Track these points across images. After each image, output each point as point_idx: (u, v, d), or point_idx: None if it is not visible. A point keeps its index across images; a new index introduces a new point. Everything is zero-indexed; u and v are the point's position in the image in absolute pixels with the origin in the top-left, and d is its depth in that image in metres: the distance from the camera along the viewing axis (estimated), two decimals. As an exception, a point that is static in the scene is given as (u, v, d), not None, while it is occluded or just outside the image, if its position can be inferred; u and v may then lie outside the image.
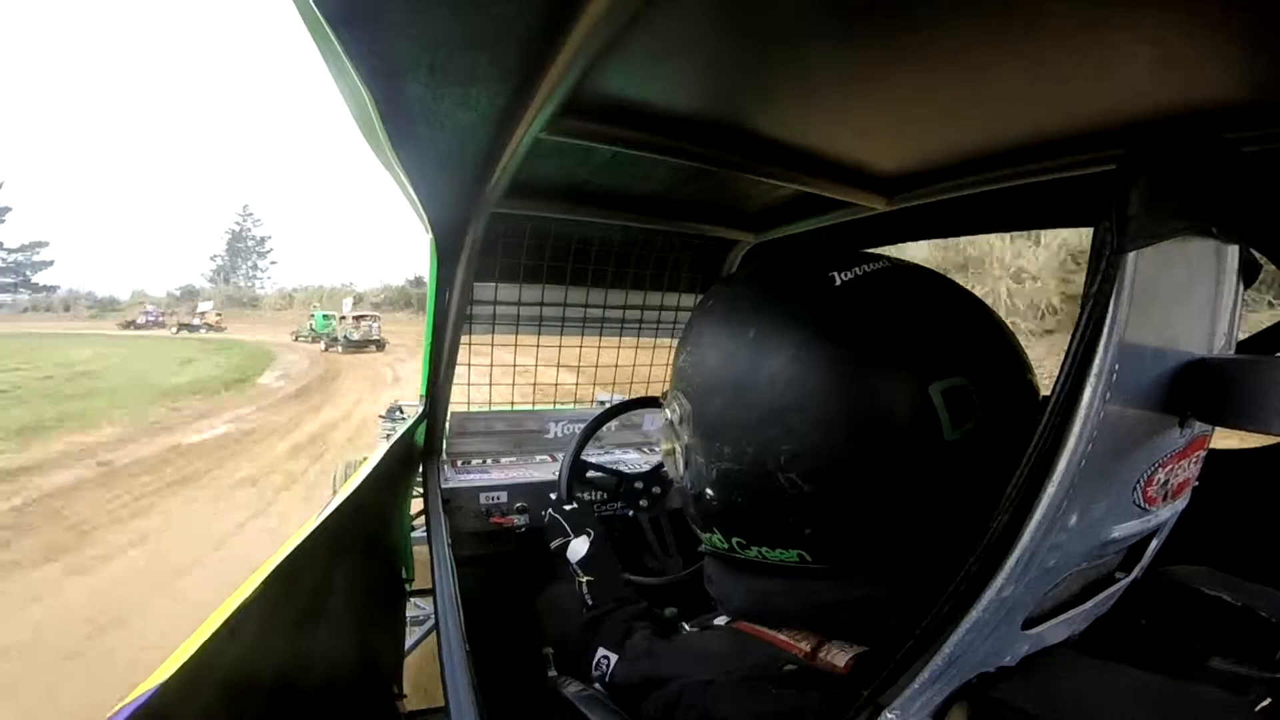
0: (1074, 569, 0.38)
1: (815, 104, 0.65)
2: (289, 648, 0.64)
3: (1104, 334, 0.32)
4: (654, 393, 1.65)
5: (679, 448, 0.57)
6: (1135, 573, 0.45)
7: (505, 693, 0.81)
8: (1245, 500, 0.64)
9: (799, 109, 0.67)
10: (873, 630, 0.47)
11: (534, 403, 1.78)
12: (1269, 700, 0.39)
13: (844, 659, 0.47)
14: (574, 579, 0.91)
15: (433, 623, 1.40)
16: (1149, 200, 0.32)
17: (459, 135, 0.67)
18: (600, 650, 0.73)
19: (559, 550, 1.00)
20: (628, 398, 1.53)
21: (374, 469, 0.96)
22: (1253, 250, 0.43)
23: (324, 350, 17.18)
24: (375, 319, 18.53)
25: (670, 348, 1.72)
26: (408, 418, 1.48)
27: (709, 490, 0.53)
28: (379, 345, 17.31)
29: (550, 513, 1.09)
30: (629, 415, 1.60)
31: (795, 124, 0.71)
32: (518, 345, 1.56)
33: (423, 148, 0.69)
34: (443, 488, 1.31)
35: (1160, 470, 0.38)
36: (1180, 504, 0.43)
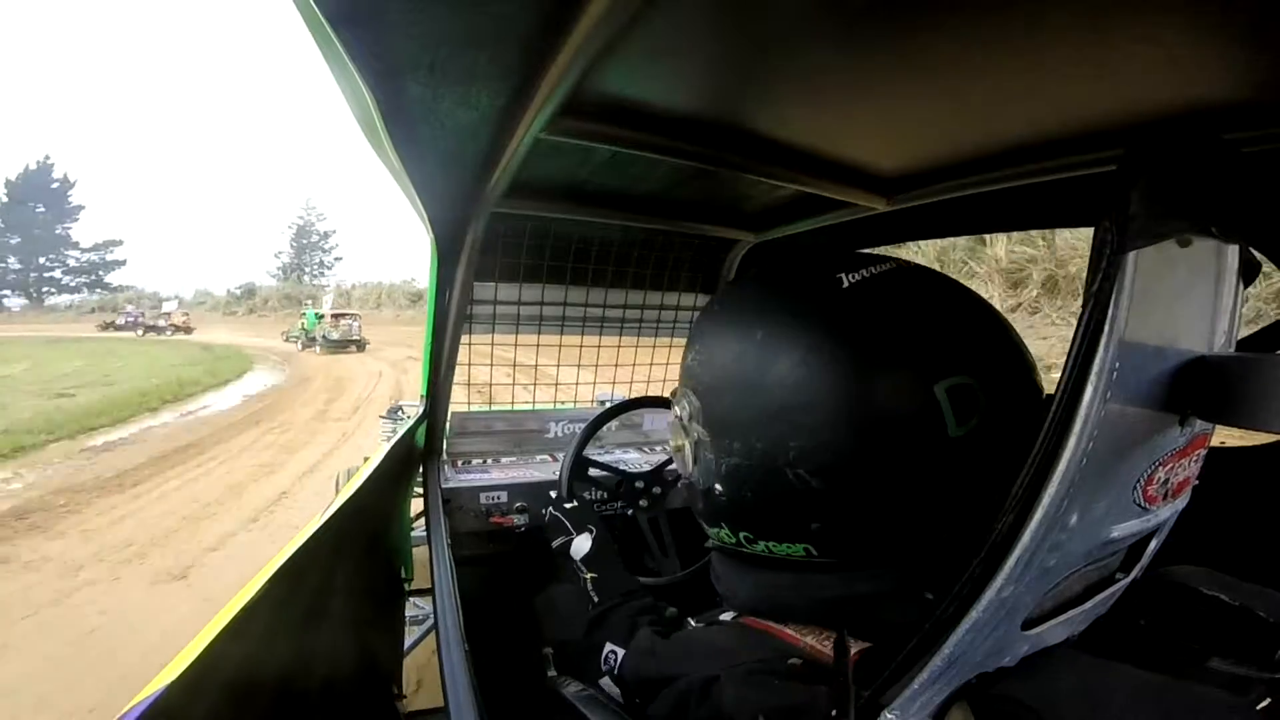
0: (1074, 569, 0.38)
1: (815, 104, 0.65)
2: (291, 648, 0.64)
3: (1104, 333, 0.32)
4: (654, 392, 1.65)
5: (688, 444, 0.58)
6: (1135, 573, 0.45)
7: (505, 693, 0.81)
8: (1245, 500, 0.64)
9: (799, 109, 0.67)
10: (877, 624, 0.48)
11: (534, 402, 1.78)
12: (1268, 700, 0.39)
13: (850, 654, 0.47)
14: (577, 577, 0.91)
15: (432, 622, 1.40)
16: (1149, 200, 0.32)
17: (459, 135, 0.67)
18: (608, 645, 0.73)
19: (562, 548, 1.00)
20: (628, 397, 1.53)
21: (374, 469, 0.96)
22: (1253, 250, 0.43)
23: (300, 350, 16.61)
24: (355, 318, 17.88)
25: (670, 347, 1.73)
26: (409, 418, 1.48)
27: (718, 485, 0.54)
28: (359, 345, 16.68)
29: (551, 511, 1.08)
30: (629, 415, 1.60)
31: (795, 124, 0.71)
32: (518, 345, 1.56)
33: (423, 147, 0.69)
34: (443, 487, 1.31)
35: (1160, 469, 0.38)
36: (1180, 503, 0.43)
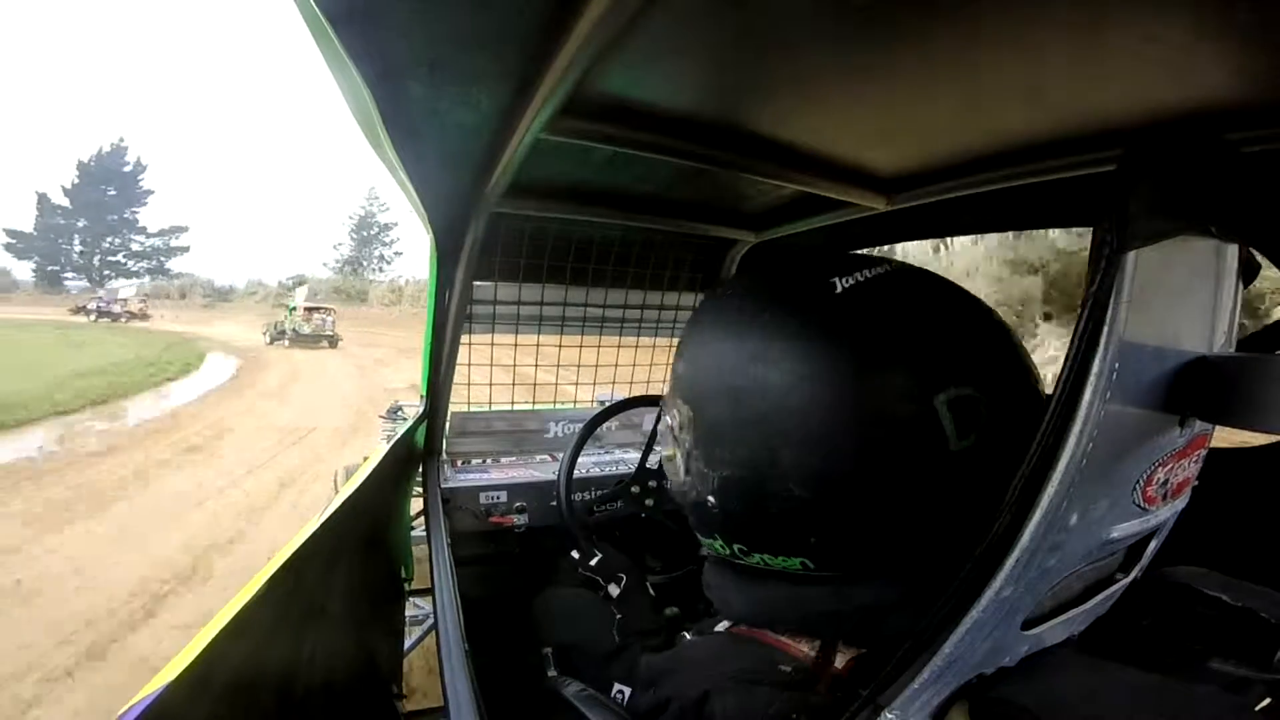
0: (1074, 569, 0.38)
1: (815, 104, 0.65)
2: (291, 648, 0.64)
3: (1104, 334, 0.32)
4: (654, 392, 1.65)
5: (679, 454, 0.56)
6: (1135, 573, 0.45)
7: (505, 693, 0.81)
8: (1245, 500, 0.64)
9: (799, 109, 0.67)
10: (875, 637, 0.47)
11: (534, 402, 1.78)
12: (1268, 700, 0.39)
13: (842, 660, 0.47)
14: (612, 615, 0.91)
15: (432, 622, 1.40)
16: (1149, 200, 0.32)
17: (459, 135, 0.67)
18: (616, 685, 0.73)
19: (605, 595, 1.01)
20: (627, 397, 1.53)
21: (374, 469, 0.96)
22: (1252, 250, 0.43)
23: (269, 344, 16.02)
24: (329, 312, 17.29)
25: (670, 347, 1.73)
26: (408, 418, 1.48)
27: (710, 497, 0.52)
28: (331, 341, 16.10)
29: (581, 573, 1.06)
30: (629, 415, 1.60)
31: (795, 124, 0.71)
32: (518, 345, 1.56)
33: (423, 147, 0.69)
34: (443, 487, 1.31)
35: (1160, 469, 0.38)
36: (1180, 504, 0.43)
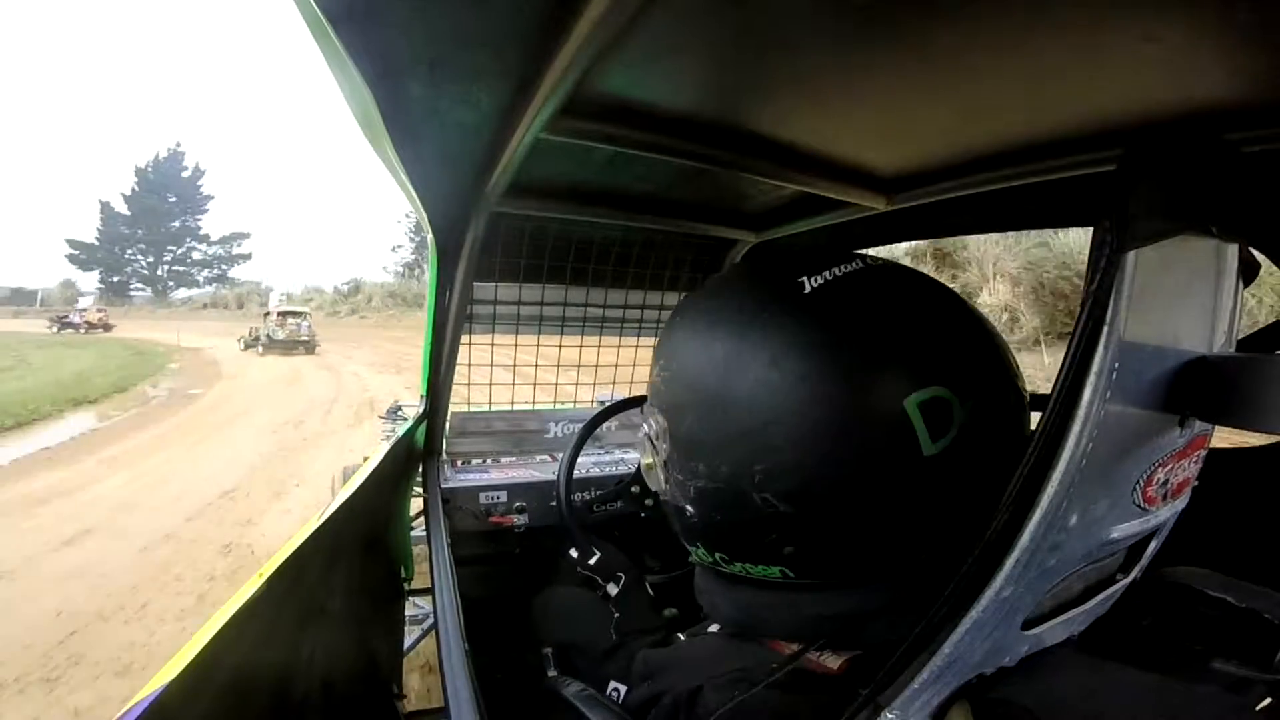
0: (1074, 569, 0.38)
1: (815, 104, 0.65)
2: (290, 648, 0.64)
3: (1104, 333, 0.32)
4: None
5: (658, 462, 0.55)
6: (1134, 573, 0.45)
7: (505, 693, 0.81)
8: (1245, 500, 0.64)
9: (799, 109, 0.67)
10: (858, 643, 0.47)
11: (534, 402, 1.78)
12: (1269, 701, 0.39)
13: (837, 661, 0.47)
14: (611, 614, 0.91)
15: (432, 622, 1.40)
16: (1149, 200, 0.32)
17: (459, 135, 0.67)
18: (612, 683, 0.73)
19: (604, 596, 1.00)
20: (627, 398, 1.53)
21: (374, 469, 0.96)
22: (1252, 250, 0.43)
23: (242, 350, 15.84)
24: (304, 317, 16.88)
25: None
26: (408, 418, 1.48)
27: (689, 507, 0.51)
28: (308, 347, 15.71)
29: (580, 572, 1.06)
30: (629, 415, 1.60)
31: (795, 124, 0.71)
32: (518, 345, 1.56)
33: (423, 147, 0.69)
34: (442, 487, 1.31)
35: (1160, 470, 0.38)
36: (1180, 504, 0.43)
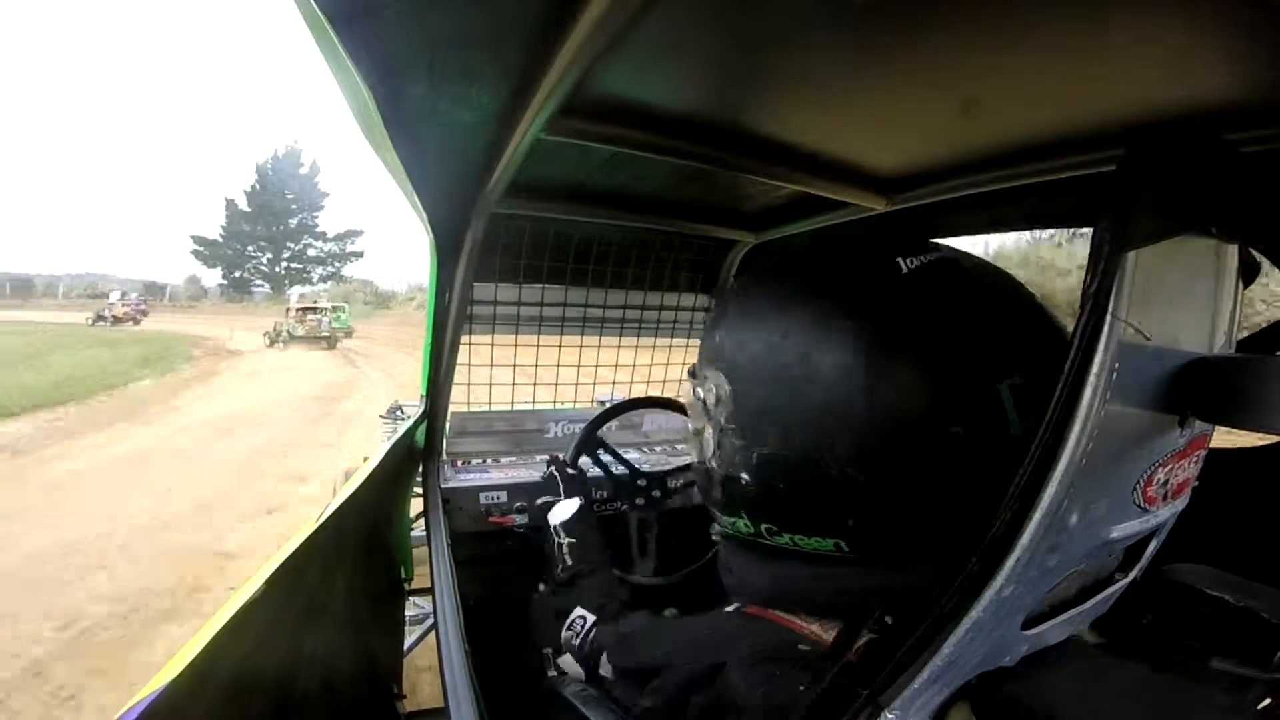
0: (1074, 569, 0.38)
1: (815, 104, 0.65)
2: (291, 648, 0.64)
3: (1104, 334, 0.32)
4: (654, 392, 1.65)
5: (710, 429, 0.54)
6: (1134, 573, 0.45)
7: (505, 693, 0.81)
8: (1245, 500, 0.64)
9: (799, 109, 0.67)
10: (903, 620, 0.46)
11: (534, 402, 1.78)
12: (1269, 700, 0.39)
13: (853, 646, 0.47)
14: (554, 540, 0.91)
15: (432, 622, 1.40)
16: (1149, 200, 0.32)
17: (459, 135, 0.67)
18: (577, 610, 0.72)
19: (545, 506, 1.00)
20: (627, 398, 1.53)
21: (374, 469, 0.96)
22: (1252, 250, 0.43)
23: (267, 346, 16.16)
24: (324, 313, 17.25)
25: (670, 348, 1.73)
26: (408, 418, 1.48)
27: (744, 475, 0.51)
28: (330, 342, 16.12)
29: (552, 469, 1.08)
30: (628, 415, 1.60)
31: (795, 124, 0.71)
32: (518, 345, 1.56)
33: (423, 148, 0.69)
34: (442, 487, 1.31)
35: (1160, 470, 0.38)
36: (1180, 504, 0.43)
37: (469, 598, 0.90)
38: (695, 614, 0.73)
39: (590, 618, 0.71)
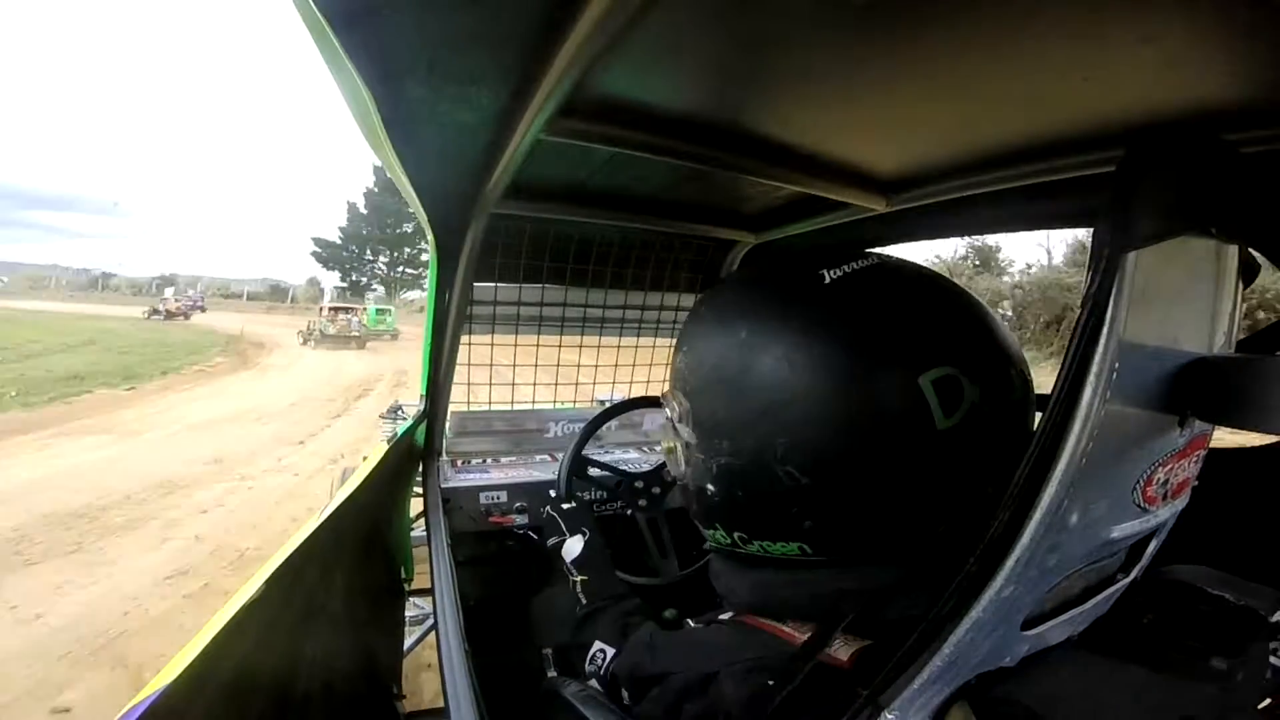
0: (1074, 569, 0.38)
1: (815, 104, 0.65)
2: (290, 648, 0.64)
3: (1104, 334, 0.32)
4: (654, 392, 1.65)
5: (679, 445, 0.57)
6: (1134, 573, 0.45)
7: (505, 693, 0.81)
8: (1245, 500, 0.64)
9: (799, 109, 0.67)
10: (875, 620, 0.48)
11: (534, 402, 1.78)
12: (1269, 700, 0.39)
13: (847, 653, 0.47)
14: (568, 579, 0.92)
15: (432, 622, 1.40)
16: (1149, 201, 0.32)
17: (459, 135, 0.67)
18: (596, 645, 0.73)
19: (555, 549, 1.00)
20: (627, 397, 1.53)
21: (374, 469, 0.96)
22: (1252, 250, 0.43)
23: (302, 344, 16.55)
24: (354, 313, 17.67)
25: (670, 348, 1.73)
26: (408, 418, 1.48)
27: (710, 486, 0.53)
28: (359, 342, 16.41)
29: (548, 510, 1.09)
30: (628, 415, 1.60)
31: (795, 124, 0.71)
32: (518, 345, 1.56)
33: (423, 148, 0.69)
34: (442, 487, 1.31)
35: (1160, 470, 0.38)
36: (1180, 504, 0.43)
37: (469, 598, 0.90)
38: (694, 616, 0.73)
39: (610, 651, 0.72)
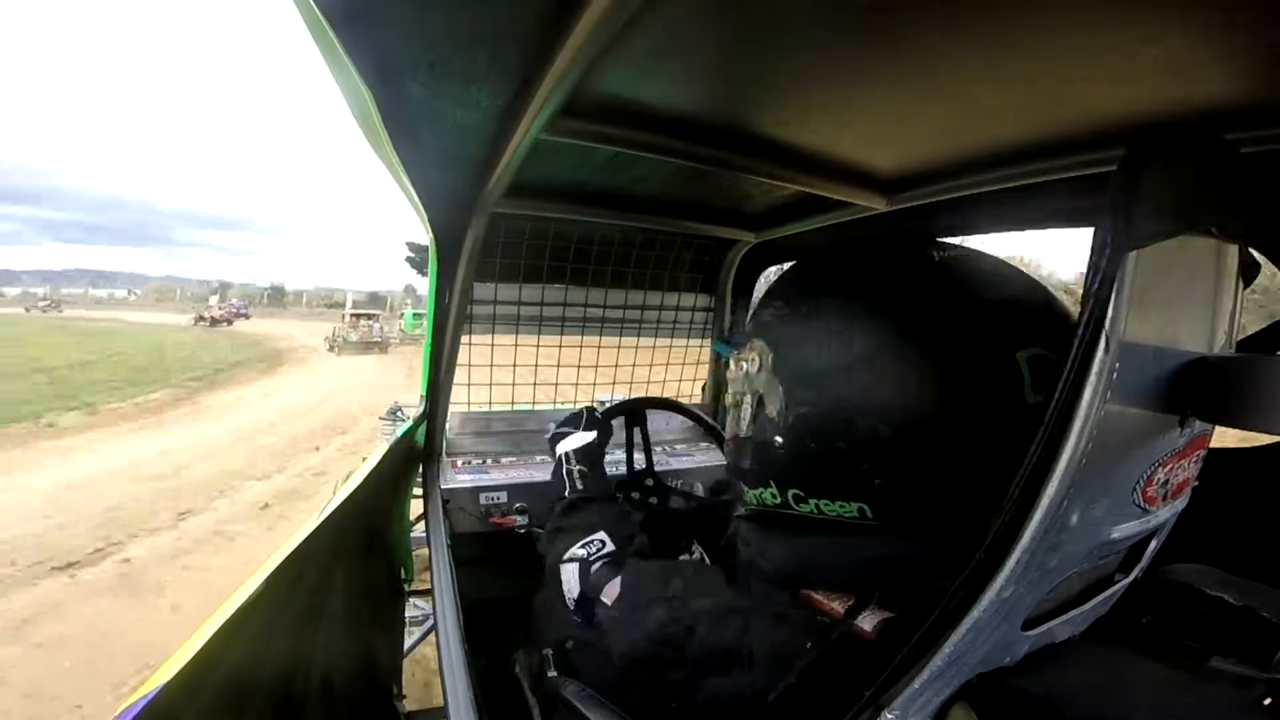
0: (1074, 569, 0.38)
1: (815, 104, 0.65)
2: (289, 648, 0.64)
3: (1104, 334, 0.32)
4: (654, 393, 1.65)
5: (749, 398, 0.58)
6: (1135, 573, 0.45)
7: (505, 693, 0.81)
8: (1245, 500, 0.64)
9: (799, 109, 0.67)
10: (921, 589, 0.47)
11: (534, 402, 1.77)
12: (1269, 700, 0.39)
13: (871, 623, 0.47)
14: (562, 466, 0.93)
15: (432, 622, 1.40)
16: (1149, 200, 0.32)
17: (459, 135, 0.67)
18: (600, 532, 0.74)
19: (558, 437, 1.01)
20: (627, 398, 1.53)
21: (374, 469, 0.96)
22: (1253, 250, 0.43)
23: (328, 350, 17.12)
24: (375, 319, 18.41)
25: (670, 348, 1.73)
26: (408, 418, 1.48)
27: (778, 438, 0.53)
28: (381, 347, 16.99)
29: (583, 408, 1.07)
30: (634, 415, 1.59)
31: (795, 124, 0.71)
32: (518, 345, 1.55)
33: (423, 148, 0.69)
34: (442, 488, 1.30)
35: (1160, 470, 0.38)
36: (1180, 504, 0.43)
37: (469, 598, 0.90)
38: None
39: (610, 545, 0.72)
